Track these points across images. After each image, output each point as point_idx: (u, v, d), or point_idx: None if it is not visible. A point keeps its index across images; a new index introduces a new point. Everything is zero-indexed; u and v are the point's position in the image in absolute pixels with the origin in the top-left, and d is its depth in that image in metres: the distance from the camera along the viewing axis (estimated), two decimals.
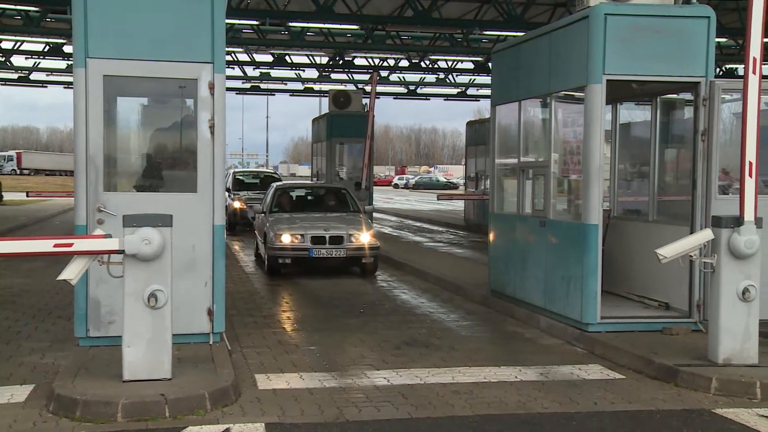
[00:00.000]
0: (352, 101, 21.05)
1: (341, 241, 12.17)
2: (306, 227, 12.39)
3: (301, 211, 13.64)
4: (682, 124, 9.10)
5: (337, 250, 12.12)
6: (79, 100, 6.88)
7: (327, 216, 13.28)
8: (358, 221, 12.96)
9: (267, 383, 6.33)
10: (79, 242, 5.78)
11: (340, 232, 12.27)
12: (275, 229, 12.29)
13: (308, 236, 12.13)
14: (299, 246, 12.10)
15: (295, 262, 12.30)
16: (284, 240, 12.07)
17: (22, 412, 5.52)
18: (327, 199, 14.33)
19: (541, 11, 20.71)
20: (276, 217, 13.08)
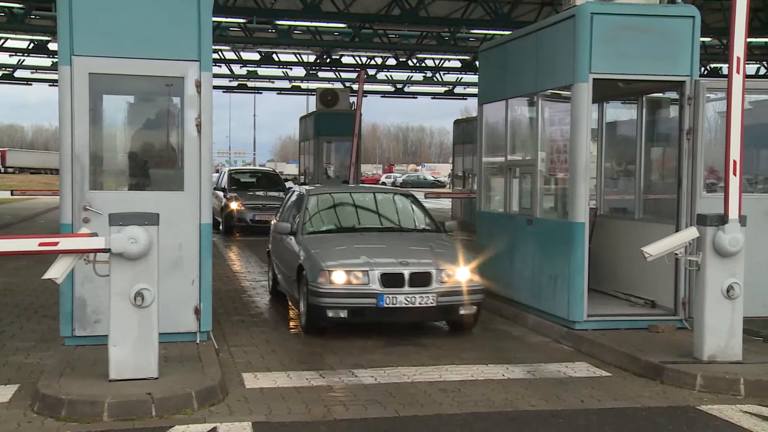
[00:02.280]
0: (340, 100, 21.04)
1: (428, 280, 7.73)
2: (371, 258, 7.90)
3: (352, 229, 9.09)
4: (668, 122, 9.16)
5: (423, 295, 7.65)
6: (64, 98, 6.83)
7: (397, 239, 8.86)
8: (448, 247, 8.55)
9: (254, 382, 6.32)
10: (64, 241, 5.75)
11: (426, 266, 7.86)
12: (321, 262, 7.81)
13: (376, 273, 7.65)
14: (361, 289, 7.63)
15: (353, 314, 7.69)
16: (337, 279, 7.63)
17: (7, 412, 5.48)
18: (387, 211, 9.74)
19: (528, 10, 20.77)
20: (317, 240, 8.58)
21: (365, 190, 10.63)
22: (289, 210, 10.12)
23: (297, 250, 8.53)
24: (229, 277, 12.35)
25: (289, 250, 8.92)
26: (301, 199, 9.61)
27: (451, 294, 7.80)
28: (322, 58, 29.31)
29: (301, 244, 8.52)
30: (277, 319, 9.12)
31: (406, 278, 7.67)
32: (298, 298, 8.33)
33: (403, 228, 9.30)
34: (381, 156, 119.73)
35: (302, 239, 8.63)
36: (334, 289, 7.61)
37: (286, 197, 10.85)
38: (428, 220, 9.39)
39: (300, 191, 10.11)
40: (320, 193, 9.89)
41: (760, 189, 9.29)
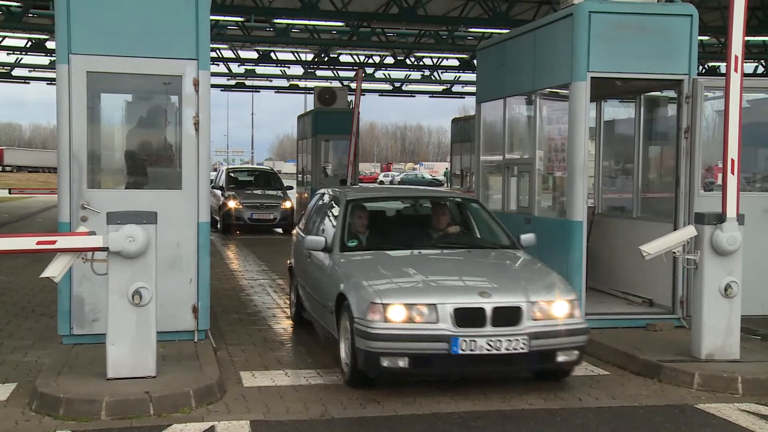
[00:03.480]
0: (338, 98, 21.00)
1: (517, 317, 5.86)
2: (438, 287, 6.15)
3: (407, 246, 7.04)
4: (666, 121, 9.16)
5: (511, 338, 5.78)
6: (62, 96, 6.82)
7: (466, 260, 6.96)
8: (536, 270, 6.76)
9: (252, 381, 6.32)
10: (62, 239, 5.74)
11: (514, 297, 5.98)
12: (372, 292, 5.92)
13: (448, 309, 5.78)
14: (427, 330, 5.75)
15: (416, 364, 5.77)
16: (394, 316, 5.75)
17: (4, 410, 5.48)
18: (441, 221, 7.57)
19: (526, 9, 20.77)
20: (363, 261, 6.75)
21: (418, 195, 8.79)
22: (315, 217, 8.27)
23: (335, 272, 6.63)
24: (226, 275, 12.35)
25: (322, 271, 7.04)
26: (335, 206, 7.64)
27: (548, 335, 5.89)
28: (320, 57, 29.30)
29: (340, 266, 6.64)
30: (275, 317, 9.12)
31: (487, 314, 5.77)
32: (337, 336, 6.38)
33: (470, 244, 7.36)
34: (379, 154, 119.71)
35: (342, 259, 6.75)
36: (390, 330, 5.69)
37: (313, 201, 8.85)
38: (500, 232, 7.42)
39: (333, 195, 8.06)
40: (361, 198, 7.75)
41: (758, 187, 9.30)
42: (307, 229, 8.26)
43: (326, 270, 6.92)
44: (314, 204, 8.71)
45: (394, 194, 9.02)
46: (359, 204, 7.54)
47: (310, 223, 8.34)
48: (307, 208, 9.02)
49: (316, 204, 8.64)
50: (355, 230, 7.27)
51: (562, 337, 5.99)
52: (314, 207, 8.63)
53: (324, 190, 8.93)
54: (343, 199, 7.49)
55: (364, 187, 9.41)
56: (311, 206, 8.81)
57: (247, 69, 32.41)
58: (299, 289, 8.22)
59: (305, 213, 9.01)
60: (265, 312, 9.43)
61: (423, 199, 8.28)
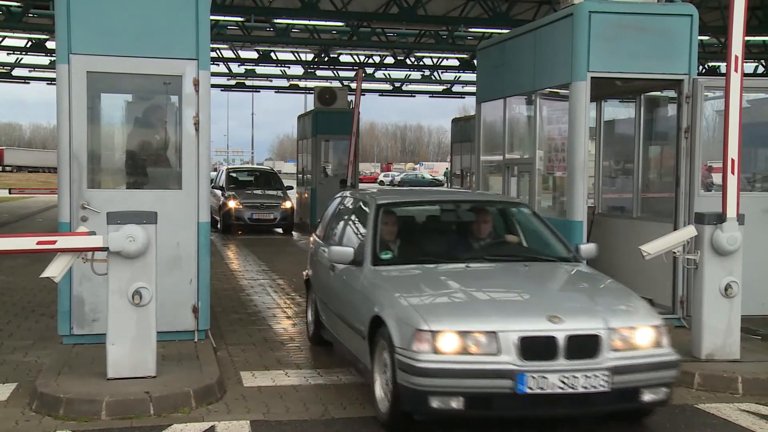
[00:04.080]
0: (338, 98, 21.02)
1: (595, 347, 4.88)
2: (498, 310, 5.19)
3: (452, 259, 6.08)
4: (666, 121, 9.16)
5: (589, 373, 4.80)
6: (62, 96, 6.82)
7: (523, 275, 5.92)
8: (610, 288, 5.77)
9: (252, 380, 6.32)
10: (62, 239, 5.74)
11: (590, 322, 5.00)
12: (418, 316, 4.96)
13: (511, 337, 4.81)
14: (487, 363, 4.80)
15: (474, 404, 4.82)
16: (445, 346, 4.80)
17: (5, 410, 5.48)
18: (486, 229, 6.59)
19: (526, 8, 20.76)
20: (402, 278, 5.76)
21: (460, 198, 7.69)
22: (336, 224, 7.35)
23: (368, 290, 5.67)
24: (227, 275, 12.35)
25: (350, 288, 6.07)
26: (363, 212, 6.69)
27: (631, 369, 4.87)
28: (320, 57, 29.30)
29: (374, 283, 5.67)
30: (275, 317, 9.12)
31: (560, 344, 4.76)
32: (370, 366, 5.41)
33: (524, 256, 6.38)
34: (379, 154, 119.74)
35: (375, 274, 5.77)
36: (441, 363, 4.72)
37: (333, 206, 7.92)
38: (556, 241, 6.46)
39: (360, 199, 7.14)
40: (394, 202, 6.78)
41: (758, 187, 9.31)
42: (328, 238, 7.32)
43: (356, 287, 5.90)
44: (335, 209, 7.73)
45: (431, 198, 7.68)
46: (392, 209, 6.52)
47: (331, 231, 7.38)
48: (326, 213, 8.01)
49: (336, 209, 7.66)
50: (388, 240, 6.26)
51: (648, 372, 4.94)
52: (335, 212, 7.64)
53: (346, 192, 8.00)
54: (372, 204, 6.46)
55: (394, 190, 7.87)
56: (331, 211, 7.82)
57: (247, 69, 32.39)
58: (319, 305, 7.24)
59: (323, 219, 7.98)
60: (266, 312, 9.42)
61: (466, 204, 7.14)
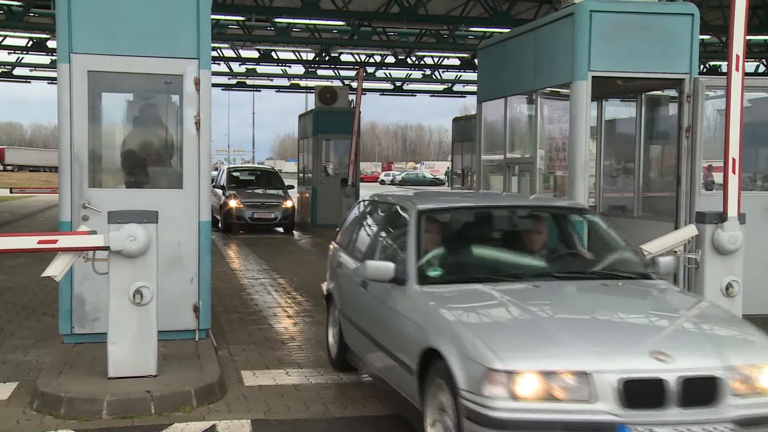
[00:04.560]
0: (339, 97, 21.03)
1: (713, 393, 3.84)
2: (589, 344, 4.02)
3: (507, 274, 5.20)
4: (667, 120, 9.17)
5: (709, 427, 3.76)
6: (63, 96, 6.82)
7: (602, 297, 4.96)
8: (715, 316, 4.79)
9: (253, 380, 6.32)
10: (63, 239, 5.74)
11: (704, 360, 3.95)
12: (488, 352, 3.94)
13: (609, 380, 3.77)
14: (580, 413, 3.77)
15: None
16: (524, 389, 3.81)
17: (6, 409, 5.48)
18: (543, 239, 5.69)
19: (527, 8, 20.75)
20: (456, 299, 4.80)
21: (514, 203, 6.44)
22: (362, 233, 6.56)
23: (416, 315, 4.68)
24: (227, 274, 12.35)
25: (390, 311, 5.04)
26: (399, 219, 5.72)
27: (761, 421, 3.87)
28: (321, 56, 29.30)
29: (425, 307, 4.68)
30: (276, 316, 9.12)
31: (671, 389, 3.78)
32: (421, 407, 4.49)
33: (600, 273, 5.33)
34: (380, 154, 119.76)
35: (424, 296, 4.76)
36: (521, 413, 3.78)
37: (356, 210, 7.10)
38: (630, 254, 5.53)
39: (394, 203, 6.14)
40: (439, 208, 5.78)
41: (759, 187, 9.30)
42: (353, 248, 6.43)
43: (399, 310, 4.90)
44: (359, 214, 6.91)
45: (480, 203, 6.41)
46: (436, 216, 5.59)
47: (357, 240, 6.48)
48: (347, 217, 7.19)
49: (362, 214, 6.85)
50: (434, 253, 5.26)
51: None
52: (360, 218, 6.84)
53: (374, 195, 7.04)
54: (412, 210, 5.46)
55: (431, 193, 6.72)
56: (354, 216, 6.98)
57: (248, 68, 32.39)
58: (343, 325, 6.27)
59: (344, 225, 7.12)
60: (266, 311, 9.43)
61: (522, 209, 6.08)
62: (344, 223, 7.17)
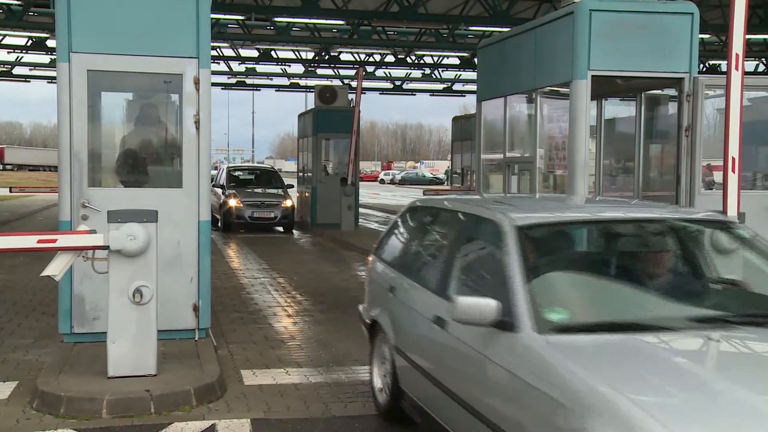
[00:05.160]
0: (338, 97, 21.02)
1: None
2: None
3: (657, 314, 3.82)
4: (667, 119, 9.16)
5: None
6: (62, 95, 6.82)
7: None
8: None
9: (253, 379, 6.32)
10: (63, 238, 5.74)
11: None
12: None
13: None
14: None
15: None
16: None
17: (5, 409, 5.48)
18: (688, 263, 4.55)
19: (527, 7, 20.76)
20: (596, 354, 3.36)
21: (642, 214, 4.81)
22: (421, 251, 5.36)
23: (540, 378, 3.35)
24: (227, 274, 12.35)
25: (488, 364, 3.76)
26: (486, 236, 4.38)
27: None
28: (321, 55, 29.31)
29: (556, 369, 3.31)
30: (276, 315, 9.12)
31: None
32: None
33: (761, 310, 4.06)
34: (380, 153, 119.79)
35: (552, 351, 3.43)
36: None
37: (406, 218, 5.78)
38: None
39: (472, 213, 4.83)
40: (543, 223, 4.40)
41: (759, 186, 9.30)
42: (411, 269, 5.16)
43: (507, 367, 3.57)
44: (414, 223, 5.66)
45: (599, 213, 4.82)
46: (542, 235, 4.29)
47: (416, 259, 5.28)
48: (394, 226, 5.91)
49: (419, 224, 5.60)
50: (550, 286, 3.95)
51: None
52: (416, 229, 5.62)
53: (436, 199, 5.80)
54: (506, 225, 4.09)
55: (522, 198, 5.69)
56: (405, 226, 5.77)
57: (247, 67, 32.40)
58: (398, 365, 5.00)
59: (391, 235, 5.87)
60: (266, 310, 9.43)
61: (655, 224, 4.64)
62: (391, 234, 5.88)
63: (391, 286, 5.31)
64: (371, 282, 5.90)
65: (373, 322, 5.59)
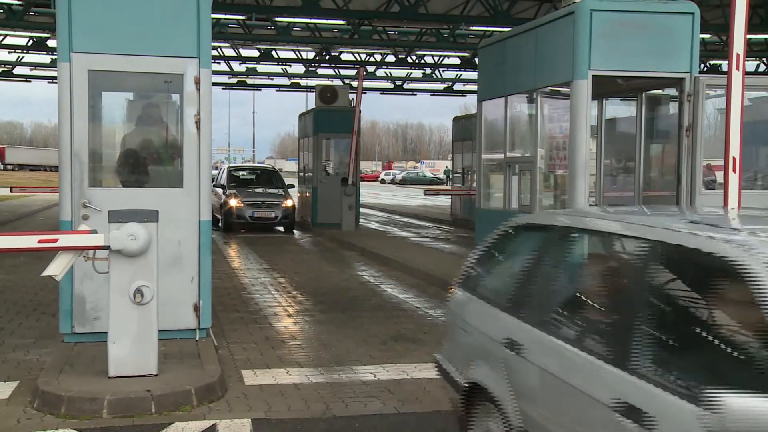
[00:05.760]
0: (339, 97, 21.02)
1: None
2: None
3: None
4: (667, 119, 9.16)
5: None
6: (63, 95, 6.82)
7: None
8: None
9: (253, 379, 6.32)
10: (64, 238, 5.74)
11: None
12: None
13: None
14: None
15: None
16: None
17: (6, 409, 5.48)
18: None
19: (527, 7, 20.75)
20: None
21: None
22: (573, 293, 3.85)
23: None
24: (228, 274, 12.35)
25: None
26: (709, 281, 2.95)
27: None
28: (322, 55, 29.30)
29: None
30: (276, 315, 9.12)
31: None
32: None
33: None
34: (380, 153, 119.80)
35: None
36: None
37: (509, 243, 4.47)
38: None
39: (682, 244, 3.02)
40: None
41: (759, 185, 9.30)
42: (530, 312, 3.77)
43: None
44: (538, 250, 4.05)
45: None
46: None
47: (543, 303, 3.85)
48: (487, 246, 4.55)
49: (547, 251, 3.99)
50: None
51: None
52: (542, 258, 3.98)
53: (577, 216, 4.21)
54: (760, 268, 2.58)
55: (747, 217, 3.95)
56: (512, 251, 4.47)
57: (248, 67, 32.39)
58: None
59: (484, 259, 4.55)
60: (267, 310, 9.43)
61: None
62: (489, 260, 4.55)
63: (509, 340, 3.75)
64: (462, 326, 4.45)
65: (470, 386, 4.10)
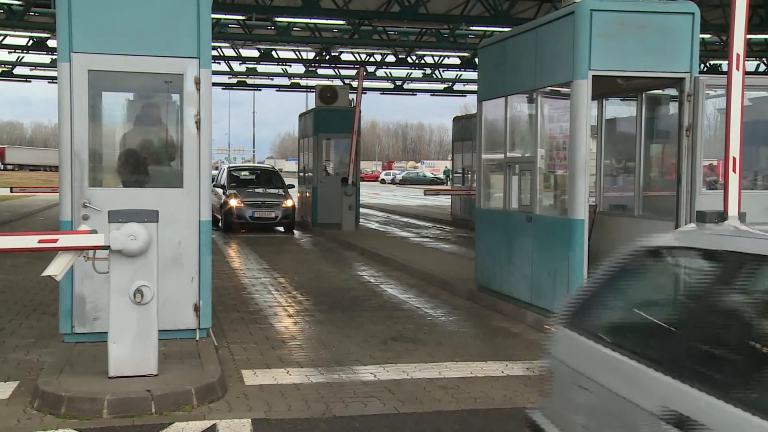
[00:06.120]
0: (339, 97, 21.02)
1: None
2: None
3: None
4: (668, 119, 9.16)
5: None
6: (63, 95, 6.82)
7: None
8: None
9: (254, 379, 6.32)
10: (64, 238, 5.74)
11: None
12: None
13: None
14: None
15: None
16: None
17: (6, 409, 5.48)
18: None
19: (527, 7, 20.76)
20: None
21: None
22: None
23: None
24: (228, 274, 12.35)
25: None
26: None
27: None
28: (322, 55, 29.30)
29: None
30: (277, 315, 9.12)
31: None
32: None
33: None
34: (380, 153, 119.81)
35: None
36: None
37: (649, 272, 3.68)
38: None
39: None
40: None
41: (759, 186, 9.30)
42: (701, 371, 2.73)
43: None
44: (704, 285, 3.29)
45: None
46: None
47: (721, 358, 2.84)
48: (612, 273, 3.75)
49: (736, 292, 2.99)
50: None
51: None
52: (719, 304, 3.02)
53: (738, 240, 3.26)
54: None
55: None
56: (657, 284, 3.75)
57: (248, 67, 32.41)
58: None
59: (607, 291, 3.70)
60: (267, 310, 9.43)
61: None
62: (617, 293, 3.67)
63: (676, 416, 2.62)
64: (580, 382, 3.26)
65: None
